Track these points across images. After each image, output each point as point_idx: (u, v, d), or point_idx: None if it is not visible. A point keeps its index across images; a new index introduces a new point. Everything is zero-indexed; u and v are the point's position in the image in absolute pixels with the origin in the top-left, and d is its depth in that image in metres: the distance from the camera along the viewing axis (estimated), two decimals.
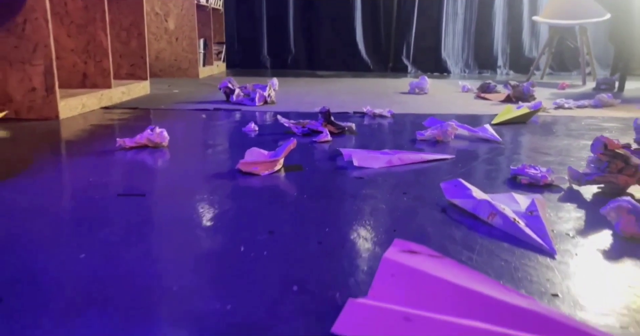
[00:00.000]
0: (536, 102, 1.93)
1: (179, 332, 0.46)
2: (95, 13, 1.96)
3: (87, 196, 0.88)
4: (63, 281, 0.56)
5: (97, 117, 1.78)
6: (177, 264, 0.61)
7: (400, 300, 0.51)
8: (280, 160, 1.09)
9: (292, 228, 0.74)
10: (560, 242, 0.70)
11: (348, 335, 0.46)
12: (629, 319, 0.50)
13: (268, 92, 2.17)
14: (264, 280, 0.58)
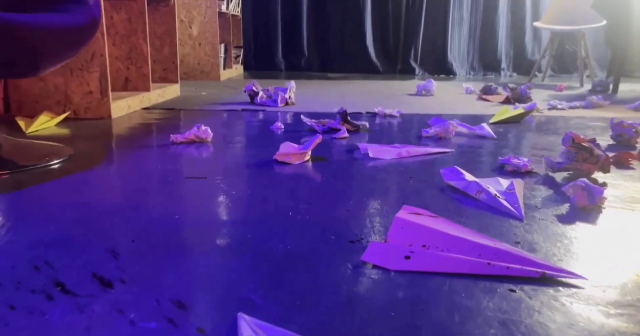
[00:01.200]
0: (531, 104, 2.14)
1: (257, 262, 0.70)
2: (137, 24, 2.21)
3: (163, 179, 1.12)
4: (168, 229, 0.80)
5: (140, 116, 2.02)
6: (245, 223, 0.85)
7: (406, 244, 0.74)
8: (309, 152, 1.32)
9: (325, 201, 0.97)
10: (529, 211, 0.92)
11: (371, 262, 0.69)
12: (575, 260, 0.73)
13: (289, 94, 2.40)
14: (310, 232, 0.81)
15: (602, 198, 0.92)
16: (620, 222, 0.87)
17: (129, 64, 2.26)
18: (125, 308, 0.57)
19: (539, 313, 0.57)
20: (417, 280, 0.65)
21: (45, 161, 1.23)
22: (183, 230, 0.81)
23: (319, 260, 0.71)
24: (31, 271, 0.66)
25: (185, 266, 0.68)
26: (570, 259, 0.72)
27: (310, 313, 0.57)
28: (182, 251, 0.73)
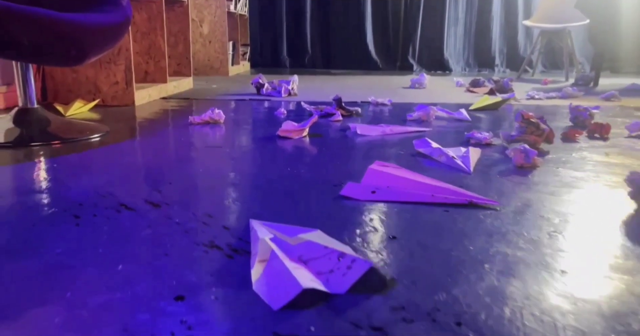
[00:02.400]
0: (510, 94, 2.38)
1: (264, 195, 0.95)
2: (155, 23, 2.46)
3: (189, 147, 1.37)
4: (194, 177, 1.05)
5: (160, 104, 2.28)
6: (254, 174, 1.10)
7: (376, 184, 0.99)
8: (306, 129, 1.57)
9: (317, 162, 1.22)
10: (479, 168, 1.17)
11: (347, 195, 0.94)
12: (498, 195, 0.97)
13: (291, 86, 2.65)
14: (304, 180, 1.06)
15: (536, 158, 1.16)
16: (542, 176, 1.12)
17: (148, 58, 2.52)
18: (172, 216, 0.82)
19: (461, 221, 0.82)
20: (378, 205, 0.90)
21: (87, 135, 1.48)
22: (206, 177, 1.06)
23: (310, 195, 0.96)
24: (101, 198, 0.91)
25: (211, 197, 0.93)
26: (495, 194, 0.96)
27: (302, 222, 0.81)
28: (208, 188, 0.98)
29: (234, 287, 0.59)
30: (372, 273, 0.62)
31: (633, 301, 0.57)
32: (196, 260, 0.67)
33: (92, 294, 0.57)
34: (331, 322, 0.53)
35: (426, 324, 0.52)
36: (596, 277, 0.63)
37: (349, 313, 0.54)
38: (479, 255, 0.70)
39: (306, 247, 0.68)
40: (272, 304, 0.55)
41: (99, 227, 0.77)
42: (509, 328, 0.52)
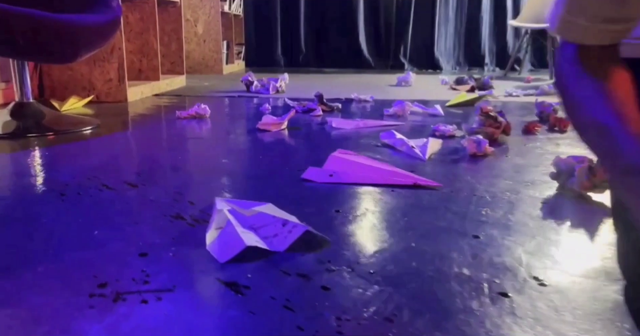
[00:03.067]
0: (488, 91, 2.48)
1: (233, 179, 1.06)
2: (148, 23, 2.57)
3: (172, 139, 1.48)
4: (174, 162, 1.16)
5: (152, 101, 2.39)
6: (228, 160, 1.21)
7: (335, 169, 1.10)
8: (285, 123, 1.68)
9: (288, 151, 1.33)
10: (436, 156, 1.27)
11: (307, 178, 1.05)
12: (444, 177, 1.08)
13: (279, 83, 2.76)
14: (272, 165, 1.17)
15: (487, 148, 1.27)
16: (489, 163, 1.22)
17: (142, 57, 2.63)
18: (147, 194, 0.93)
19: (401, 198, 0.93)
20: (333, 186, 1.00)
21: (79, 127, 1.59)
22: (183, 164, 1.17)
23: (274, 178, 1.06)
24: (86, 180, 1.02)
25: (184, 180, 1.04)
26: (442, 177, 1.07)
27: (263, 199, 0.92)
28: (183, 172, 1.09)
29: (190, 247, 0.70)
30: (310, 236, 0.73)
31: (520, 258, 0.68)
32: (162, 227, 0.78)
33: (70, 252, 0.68)
34: (266, 271, 0.63)
35: (344, 272, 0.63)
36: (501, 240, 0.74)
37: (282, 265, 0.65)
38: (408, 224, 0.80)
39: (258, 217, 0.78)
40: (219, 258, 0.66)
41: (81, 202, 0.88)
42: (413, 275, 0.63)
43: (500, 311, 0.55)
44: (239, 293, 0.58)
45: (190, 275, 0.62)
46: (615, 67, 0.45)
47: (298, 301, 0.56)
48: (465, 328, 0.52)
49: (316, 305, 0.56)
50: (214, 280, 0.60)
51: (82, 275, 0.61)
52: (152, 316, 0.53)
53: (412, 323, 0.53)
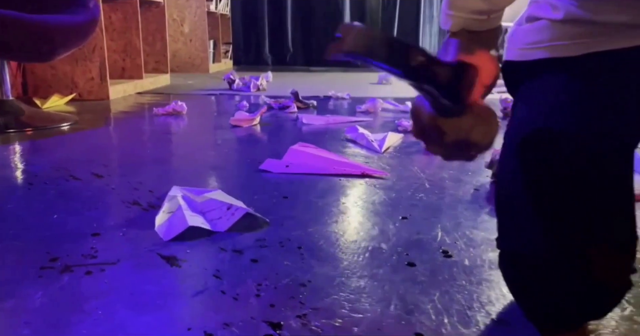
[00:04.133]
0: None
1: (195, 169, 1.13)
2: (131, 23, 2.63)
3: (145, 134, 1.55)
4: (143, 155, 1.23)
5: (134, 99, 2.45)
6: (193, 152, 1.28)
7: (293, 161, 1.17)
8: (256, 119, 1.74)
9: (257, 146, 1.40)
10: (393, 149, 1.35)
11: (265, 169, 1.12)
12: (390, 167, 1.15)
13: (260, 82, 2.83)
14: (234, 158, 1.24)
15: None
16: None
17: (125, 56, 2.69)
18: (110, 184, 1.00)
19: (347, 186, 1.00)
20: (287, 176, 1.08)
21: (57, 124, 1.66)
22: (151, 156, 1.24)
23: (235, 169, 1.14)
24: (55, 171, 1.09)
25: (149, 170, 1.11)
26: (390, 167, 1.14)
27: (225, 189, 0.99)
28: (149, 164, 1.16)
29: (140, 229, 0.77)
30: (252, 218, 0.80)
31: (437, 235, 0.75)
32: (118, 212, 0.84)
33: (29, 233, 0.75)
34: (204, 247, 0.70)
35: (275, 248, 0.70)
36: (425, 220, 0.81)
37: (220, 243, 0.72)
38: (345, 208, 0.88)
39: (207, 203, 0.85)
40: (164, 237, 0.73)
41: (47, 191, 0.95)
42: (335, 249, 0.70)
43: (402, 277, 0.62)
44: (175, 265, 0.65)
45: (134, 251, 0.69)
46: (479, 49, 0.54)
47: (227, 271, 0.63)
48: (366, 290, 0.59)
49: (242, 274, 0.63)
50: (155, 255, 0.67)
51: (36, 251, 0.68)
52: (93, 285, 0.60)
53: (323, 287, 0.60)
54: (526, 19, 0.65)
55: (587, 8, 0.56)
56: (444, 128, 0.38)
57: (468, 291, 0.59)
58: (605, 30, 0.56)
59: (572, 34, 0.58)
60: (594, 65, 0.57)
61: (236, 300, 0.57)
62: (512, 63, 0.65)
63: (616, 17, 0.55)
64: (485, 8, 0.52)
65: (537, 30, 0.62)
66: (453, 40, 0.54)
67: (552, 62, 0.59)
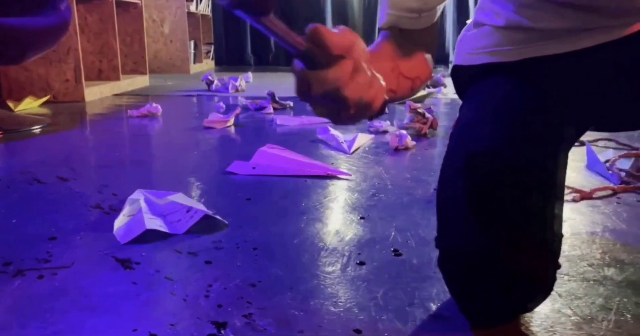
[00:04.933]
0: (437, 88, 2.59)
1: (163, 172, 1.14)
2: (107, 24, 2.62)
3: (117, 136, 1.55)
4: (109, 158, 1.24)
5: (111, 100, 2.44)
6: (165, 154, 1.28)
7: (260, 162, 1.18)
8: (230, 120, 1.75)
9: (227, 148, 1.41)
10: (362, 150, 1.37)
11: (232, 171, 1.13)
12: (356, 168, 1.17)
13: (239, 83, 2.83)
14: (203, 160, 1.25)
15: (408, 142, 1.37)
16: (406, 155, 1.32)
17: (102, 57, 2.68)
18: (74, 187, 1.00)
19: (310, 187, 1.02)
20: (253, 178, 1.09)
21: (28, 126, 1.65)
22: (120, 159, 1.25)
23: (202, 171, 1.14)
24: (20, 175, 1.09)
25: (115, 173, 1.12)
26: (357, 168, 1.16)
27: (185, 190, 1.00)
28: (116, 167, 1.16)
29: (99, 232, 0.78)
30: (210, 220, 0.81)
31: (390, 234, 0.77)
32: (78, 215, 0.85)
33: None
34: (160, 250, 0.72)
35: (230, 250, 0.72)
36: (381, 220, 0.83)
37: (177, 245, 0.73)
38: (305, 209, 0.89)
39: (169, 205, 0.86)
40: (121, 240, 0.74)
41: (9, 195, 0.95)
42: (290, 250, 0.71)
43: (351, 276, 0.64)
44: (129, 268, 0.66)
45: (90, 254, 0.70)
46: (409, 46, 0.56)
47: (179, 274, 0.65)
48: (314, 289, 0.61)
49: (194, 276, 0.64)
50: (109, 258, 0.68)
51: None
52: (44, 288, 0.60)
53: (272, 287, 0.61)
54: (473, 25, 0.68)
55: (526, 15, 0.59)
56: (310, 81, 0.39)
57: (411, 288, 0.61)
58: (543, 36, 0.59)
59: (513, 39, 0.60)
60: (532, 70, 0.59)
61: (185, 301, 0.58)
62: (460, 67, 0.67)
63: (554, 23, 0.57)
64: (417, 6, 0.54)
65: (481, 36, 0.64)
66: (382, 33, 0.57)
67: (495, 66, 0.61)
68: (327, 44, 0.38)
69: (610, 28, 0.55)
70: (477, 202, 0.51)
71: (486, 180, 0.50)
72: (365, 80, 0.40)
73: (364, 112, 0.43)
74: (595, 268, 0.65)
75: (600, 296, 0.58)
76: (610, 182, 1.00)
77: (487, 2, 0.65)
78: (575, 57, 0.57)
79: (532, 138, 0.52)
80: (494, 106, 0.58)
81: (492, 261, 0.51)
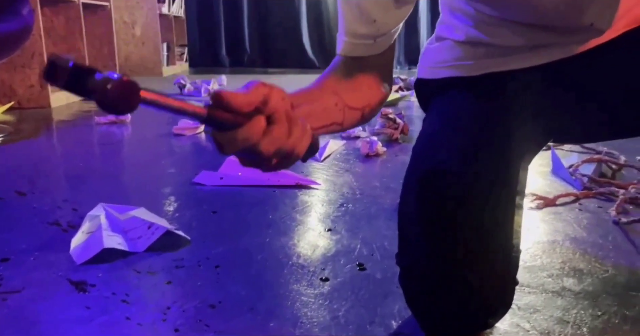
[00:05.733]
0: (410, 92, 2.60)
1: (128, 182, 1.11)
2: (74, 27, 2.55)
3: (82, 145, 1.51)
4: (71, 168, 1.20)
5: (79, 106, 2.38)
6: (124, 170, 1.25)
7: (230, 172, 1.16)
8: (200, 127, 1.72)
9: (196, 156, 1.39)
10: (333, 157, 1.36)
11: (199, 182, 1.11)
12: (328, 177, 1.16)
13: (212, 86, 2.80)
14: (173, 171, 1.22)
15: (379, 148, 1.37)
16: (375, 162, 1.32)
17: None
18: (32, 202, 0.97)
19: (278, 197, 1.00)
20: (221, 189, 1.07)
21: None
22: (83, 170, 1.21)
23: (169, 182, 1.12)
24: None
25: (77, 186, 1.08)
26: (326, 177, 1.15)
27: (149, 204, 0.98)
28: (78, 179, 1.13)
29: (55, 252, 0.75)
30: (172, 236, 0.79)
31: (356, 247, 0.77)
32: (34, 233, 0.82)
33: None
34: (118, 270, 0.69)
35: (192, 268, 0.70)
36: (347, 232, 0.82)
37: (136, 264, 0.71)
38: (271, 221, 0.88)
39: (130, 221, 0.84)
40: (77, 260, 0.72)
41: None
42: (254, 266, 0.70)
43: (314, 293, 0.63)
44: (83, 290, 0.64)
45: (43, 277, 0.67)
46: (361, 73, 0.56)
47: (137, 296, 0.63)
48: (276, 309, 0.59)
49: (152, 298, 0.62)
50: (63, 281, 0.66)
51: None
52: None
53: (232, 308, 0.60)
54: (435, 38, 0.67)
55: (484, 31, 0.59)
56: (221, 142, 0.40)
57: (373, 304, 0.60)
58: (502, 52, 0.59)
59: (473, 54, 0.60)
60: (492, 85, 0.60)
61: (140, 326, 0.56)
62: (423, 80, 0.67)
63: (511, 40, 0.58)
64: (370, 32, 0.54)
65: (443, 50, 0.64)
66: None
67: (456, 80, 0.61)
68: (232, 106, 0.38)
69: (564, 45, 0.56)
70: (429, 220, 0.51)
71: (438, 198, 0.50)
72: (281, 131, 0.40)
73: (287, 160, 0.43)
74: (554, 279, 0.66)
75: (559, 309, 0.59)
76: (573, 188, 1.02)
77: (448, 16, 0.65)
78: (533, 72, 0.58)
79: (488, 155, 0.52)
80: (450, 122, 0.57)
81: (448, 280, 0.50)
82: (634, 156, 1.22)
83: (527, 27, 0.56)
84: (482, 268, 0.49)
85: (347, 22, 0.54)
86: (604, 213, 0.89)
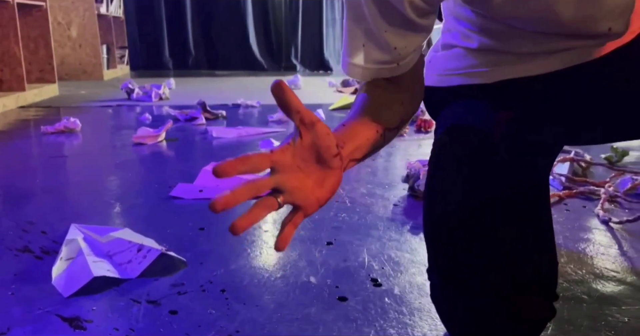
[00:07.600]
0: None
1: (97, 199, 1.02)
2: (8, 29, 2.34)
3: (31, 159, 1.38)
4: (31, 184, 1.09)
5: (16, 114, 2.19)
6: (88, 186, 1.16)
7: (206, 184, 1.10)
8: (161, 135, 1.63)
9: (164, 167, 1.30)
10: None
11: (176, 195, 1.04)
12: None
13: (162, 90, 2.67)
14: (144, 185, 1.14)
15: None
16: (355, 167, 1.31)
17: (3, 66, 2.39)
18: None
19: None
20: (202, 203, 1.01)
21: None
22: (40, 187, 1.10)
23: (142, 197, 1.04)
24: None
25: (39, 205, 0.98)
26: None
27: (126, 222, 0.90)
28: (38, 197, 1.02)
29: (33, 283, 0.67)
30: (166, 258, 0.73)
31: (364, 261, 0.74)
32: (4, 263, 0.73)
33: None
34: (113, 301, 0.63)
35: (196, 294, 0.65)
36: (350, 245, 0.80)
37: (132, 293, 0.65)
38: (267, 236, 0.84)
39: (114, 243, 0.77)
40: (63, 293, 0.64)
41: None
42: (262, 288, 0.66)
43: (335, 316, 0.60)
44: (80, 328, 0.57)
45: (28, 314, 0.59)
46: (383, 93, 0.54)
47: (143, 330, 0.57)
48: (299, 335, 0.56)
49: (161, 331, 0.57)
50: (54, 318, 0.58)
51: None
52: None
53: None
54: (441, 46, 0.66)
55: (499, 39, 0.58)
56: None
57: (402, 324, 0.58)
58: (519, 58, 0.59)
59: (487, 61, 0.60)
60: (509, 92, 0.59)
61: None
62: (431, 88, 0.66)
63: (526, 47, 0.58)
64: (393, 58, 0.52)
65: (453, 57, 0.63)
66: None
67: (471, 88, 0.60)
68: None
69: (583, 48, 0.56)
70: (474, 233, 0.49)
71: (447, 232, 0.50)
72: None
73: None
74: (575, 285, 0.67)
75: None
76: (554, 188, 1.05)
77: (454, 24, 0.64)
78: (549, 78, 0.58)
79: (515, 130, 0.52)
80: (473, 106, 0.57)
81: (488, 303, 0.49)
82: (597, 154, 1.29)
83: (544, 35, 0.56)
84: (520, 290, 0.48)
85: (367, 52, 0.52)
86: (591, 212, 0.92)
